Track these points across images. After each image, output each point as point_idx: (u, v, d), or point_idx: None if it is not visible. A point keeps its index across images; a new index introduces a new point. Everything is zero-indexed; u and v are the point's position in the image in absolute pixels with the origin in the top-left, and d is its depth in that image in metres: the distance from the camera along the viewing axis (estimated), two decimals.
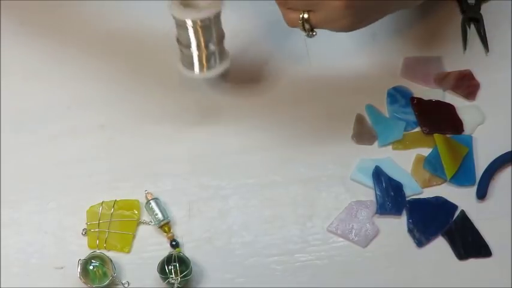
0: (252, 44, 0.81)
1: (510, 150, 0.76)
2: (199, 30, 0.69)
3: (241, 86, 0.79)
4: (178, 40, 0.71)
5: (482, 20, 0.85)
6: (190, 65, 0.72)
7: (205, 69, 0.72)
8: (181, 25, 0.69)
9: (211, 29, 0.70)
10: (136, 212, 0.71)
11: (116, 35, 0.67)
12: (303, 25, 0.69)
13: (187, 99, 0.78)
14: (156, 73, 0.79)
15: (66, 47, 0.81)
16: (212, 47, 0.71)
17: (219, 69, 0.72)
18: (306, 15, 0.68)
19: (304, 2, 0.67)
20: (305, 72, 0.81)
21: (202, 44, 0.70)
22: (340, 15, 0.67)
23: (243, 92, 0.79)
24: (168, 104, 0.77)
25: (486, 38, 0.84)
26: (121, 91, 0.77)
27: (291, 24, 0.70)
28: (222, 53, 0.72)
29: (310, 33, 0.70)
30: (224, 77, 0.79)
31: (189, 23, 0.69)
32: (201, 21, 0.69)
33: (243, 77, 0.80)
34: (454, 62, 0.82)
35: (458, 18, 0.85)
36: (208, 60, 0.71)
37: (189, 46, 0.70)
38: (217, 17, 0.70)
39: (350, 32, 0.76)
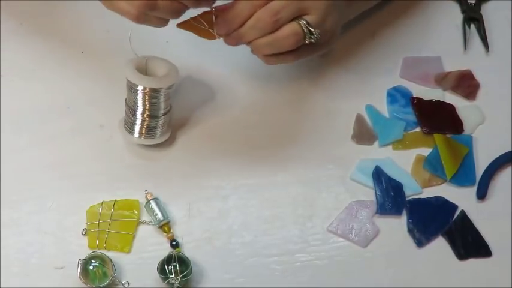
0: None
1: (510, 150, 0.76)
2: (148, 97, 0.70)
3: (241, 86, 0.79)
4: (125, 102, 0.72)
5: (482, 20, 0.85)
6: (131, 129, 0.72)
7: (143, 136, 0.72)
8: (132, 88, 0.70)
9: (159, 100, 0.71)
10: (136, 212, 0.71)
11: (115, 35, 0.67)
12: (309, 29, 0.66)
13: (186, 99, 0.78)
14: None
15: (66, 47, 0.81)
16: (154, 118, 0.72)
17: (157, 140, 0.73)
18: (304, 21, 0.66)
19: (294, 2, 0.65)
20: (305, 72, 0.80)
21: (146, 113, 0.71)
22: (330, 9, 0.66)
23: (242, 91, 0.79)
24: None
25: (486, 38, 0.84)
26: (121, 91, 0.77)
27: (295, 38, 0.66)
28: (165, 125, 0.73)
29: (317, 34, 0.67)
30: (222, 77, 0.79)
31: (140, 88, 0.70)
32: (153, 89, 0.70)
33: (242, 77, 0.80)
34: (454, 62, 0.82)
35: (458, 18, 0.85)
36: (148, 129, 0.72)
37: (134, 110, 0.71)
38: (170, 88, 0.71)
39: (349, 32, 0.76)
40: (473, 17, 0.85)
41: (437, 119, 0.78)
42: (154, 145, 0.75)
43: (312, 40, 0.67)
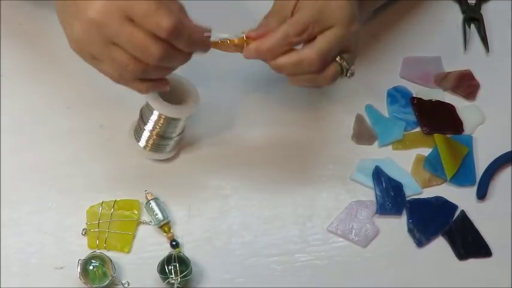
0: None
1: (510, 150, 0.76)
2: (163, 122, 0.69)
3: (241, 87, 0.79)
4: (140, 111, 0.71)
5: (483, 20, 0.85)
6: (138, 137, 0.71)
7: (148, 149, 0.71)
8: (149, 107, 0.69)
9: (175, 126, 0.70)
10: (136, 212, 0.71)
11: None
12: (347, 69, 0.66)
13: None
14: None
15: (66, 47, 0.80)
16: (165, 139, 0.71)
17: (163, 156, 0.72)
18: (344, 61, 0.65)
19: (338, 44, 0.64)
20: None
21: (157, 131, 0.70)
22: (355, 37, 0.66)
23: (242, 92, 0.79)
24: None
25: (486, 38, 0.84)
26: (121, 91, 0.77)
27: (335, 77, 0.66)
28: (173, 145, 0.72)
29: (353, 71, 0.67)
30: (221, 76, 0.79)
31: (156, 112, 0.69)
32: (171, 118, 0.69)
33: (242, 77, 0.80)
34: (454, 62, 0.82)
35: (458, 18, 0.86)
36: (154, 145, 0.71)
37: (145, 124, 0.70)
38: (189, 117, 0.70)
39: None
40: (473, 17, 0.85)
41: (437, 119, 0.78)
42: None
43: (347, 76, 0.67)
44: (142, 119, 0.71)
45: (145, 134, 0.71)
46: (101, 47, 0.59)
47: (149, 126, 0.70)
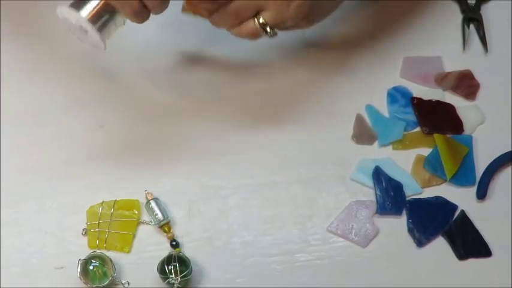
0: (250, 45, 0.81)
1: (510, 150, 0.76)
2: None
3: (240, 86, 0.79)
4: None
5: (482, 20, 0.85)
6: (82, 5, 0.66)
7: (91, 18, 0.66)
8: None
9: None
10: (136, 212, 0.71)
11: (116, 34, 0.67)
12: (264, 29, 0.68)
13: (186, 98, 0.78)
14: (156, 73, 0.80)
15: (66, 47, 0.81)
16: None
17: (95, 34, 0.67)
18: (261, 20, 0.68)
19: (252, 3, 0.67)
20: (305, 72, 0.81)
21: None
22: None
23: (242, 91, 0.79)
24: (168, 104, 0.77)
25: (485, 38, 0.84)
26: (121, 91, 0.77)
27: (253, 35, 0.69)
28: (111, 27, 0.68)
29: (273, 32, 0.69)
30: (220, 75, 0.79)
31: None
32: None
33: (241, 77, 0.80)
34: (454, 62, 0.82)
35: (458, 18, 0.85)
36: (100, 14, 0.67)
37: None
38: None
39: (349, 32, 0.76)
40: (472, 17, 0.85)
41: (437, 119, 0.78)
42: (154, 145, 0.75)
43: (268, 36, 0.69)
44: None
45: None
46: None
47: None
